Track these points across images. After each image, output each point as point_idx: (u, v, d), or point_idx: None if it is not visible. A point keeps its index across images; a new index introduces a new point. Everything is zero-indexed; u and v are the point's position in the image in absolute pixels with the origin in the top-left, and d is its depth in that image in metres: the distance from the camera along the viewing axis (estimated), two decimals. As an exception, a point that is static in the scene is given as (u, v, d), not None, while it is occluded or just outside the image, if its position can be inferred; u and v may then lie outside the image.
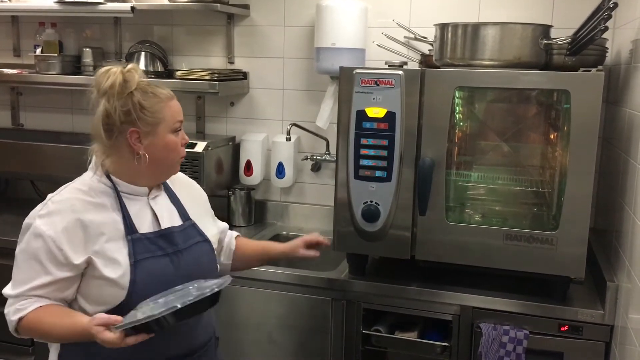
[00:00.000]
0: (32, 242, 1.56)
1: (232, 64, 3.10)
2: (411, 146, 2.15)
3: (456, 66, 2.18)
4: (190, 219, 1.75)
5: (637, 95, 1.97)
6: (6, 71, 3.16)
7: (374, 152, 2.18)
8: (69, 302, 1.61)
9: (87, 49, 3.13)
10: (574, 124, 1.99)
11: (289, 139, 2.83)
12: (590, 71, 2.00)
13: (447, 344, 2.21)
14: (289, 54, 3.01)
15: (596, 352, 2.07)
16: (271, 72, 3.05)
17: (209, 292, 1.49)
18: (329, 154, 2.92)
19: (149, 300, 1.53)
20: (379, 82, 2.14)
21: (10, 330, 1.60)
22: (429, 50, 2.57)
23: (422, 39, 2.66)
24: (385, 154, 2.17)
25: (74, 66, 3.17)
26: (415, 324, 2.29)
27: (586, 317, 2.06)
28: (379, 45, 2.66)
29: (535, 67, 2.15)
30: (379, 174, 2.18)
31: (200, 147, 2.77)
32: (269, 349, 2.44)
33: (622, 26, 2.39)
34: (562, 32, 2.22)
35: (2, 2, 3.16)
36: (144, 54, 3.03)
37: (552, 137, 2.30)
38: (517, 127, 2.34)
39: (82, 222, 1.56)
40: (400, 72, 2.13)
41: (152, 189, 1.71)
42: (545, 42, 2.13)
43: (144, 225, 1.65)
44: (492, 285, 2.21)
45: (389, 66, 2.24)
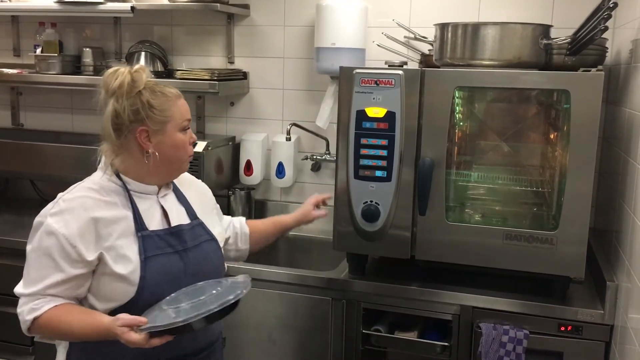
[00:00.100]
0: (45, 240, 1.56)
1: (232, 63, 3.10)
2: (411, 146, 2.15)
3: (456, 66, 2.18)
4: (197, 218, 1.78)
5: (637, 95, 1.97)
6: (6, 71, 3.16)
7: (374, 152, 2.18)
8: (80, 301, 1.63)
9: (87, 49, 3.13)
10: (574, 123, 1.99)
11: (289, 139, 2.83)
12: (590, 71, 1.99)
13: (447, 344, 2.20)
14: (289, 53, 3.01)
15: (596, 352, 2.07)
16: (271, 72, 3.05)
17: (233, 299, 1.53)
18: (329, 154, 2.92)
19: (170, 299, 1.56)
20: (379, 82, 2.14)
21: (22, 329, 1.60)
22: (429, 50, 2.57)
23: (422, 39, 2.66)
24: (385, 153, 2.17)
25: (74, 66, 3.17)
26: (415, 323, 2.29)
27: (586, 317, 2.06)
28: (379, 45, 2.66)
29: (535, 67, 2.15)
30: (379, 173, 2.18)
31: (200, 147, 2.76)
32: (269, 349, 2.44)
33: (622, 26, 2.39)
34: (562, 32, 2.22)
35: (2, 2, 3.16)
36: (144, 53, 3.03)
37: (552, 137, 2.30)
38: (517, 127, 2.34)
39: (93, 219, 1.58)
40: (400, 72, 2.13)
41: (161, 188, 1.73)
42: (545, 42, 2.13)
43: (154, 222, 1.67)
44: (492, 285, 2.21)
45: (389, 66, 2.24)
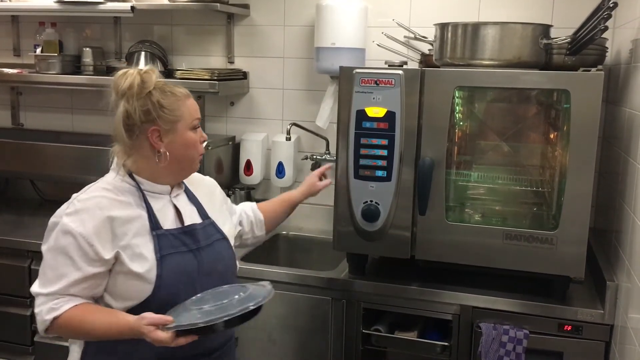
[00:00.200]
0: (61, 240, 1.57)
1: (232, 63, 3.10)
2: (411, 146, 2.15)
3: (456, 66, 2.18)
4: (209, 217, 1.79)
5: (637, 95, 1.97)
6: (6, 71, 3.16)
7: (374, 152, 2.18)
8: (96, 300, 1.64)
9: (87, 49, 3.13)
10: (574, 123, 1.99)
11: (288, 139, 2.83)
12: (590, 71, 2.00)
13: (447, 344, 2.21)
14: (289, 53, 3.01)
15: (596, 351, 2.07)
16: (271, 71, 3.05)
17: (260, 301, 1.55)
18: (329, 154, 2.91)
19: (195, 300, 1.59)
20: (378, 82, 2.14)
21: (39, 329, 1.60)
22: (429, 50, 2.57)
23: (422, 39, 2.66)
24: (385, 153, 2.17)
25: (74, 66, 3.17)
26: (415, 323, 2.29)
27: (586, 317, 2.06)
28: (379, 45, 2.66)
29: (535, 67, 2.15)
30: (379, 173, 2.18)
31: (200, 146, 2.77)
32: (269, 349, 2.44)
33: (622, 26, 2.38)
34: (562, 32, 2.22)
35: (2, 2, 3.16)
36: (144, 53, 3.03)
37: (552, 136, 2.30)
38: (517, 127, 2.34)
39: (109, 218, 1.59)
40: (400, 72, 2.13)
41: (173, 188, 1.75)
42: (545, 41, 2.13)
43: (167, 222, 1.69)
44: (492, 285, 2.21)
45: (389, 66, 2.24)
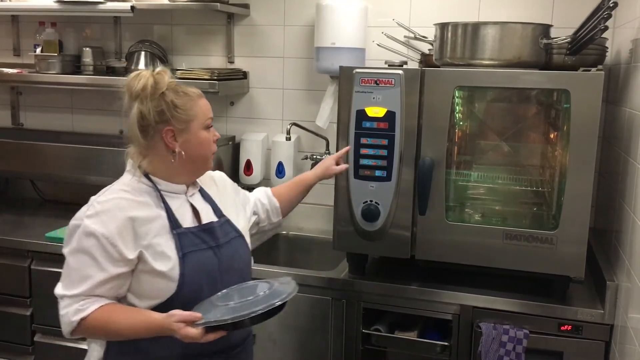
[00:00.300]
0: (84, 241, 1.58)
1: (232, 63, 3.10)
2: (411, 146, 2.15)
3: (456, 66, 2.18)
4: (224, 215, 1.81)
5: (637, 95, 1.97)
6: (6, 71, 3.16)
7: (373, 152, 2.18)
8: (119, 300, 1.65)
9: (87, 49, 3.13)
10: (574, 123, 1.99)
11: (288, 139, 2.83)
12: (590, 71, 2.00)
13: (447, 344, 2.21)
14: (289, 53, 3.01)
15: (596, 351, 2.07)
16: (271, 71, 3.05)
17: (285, 298, 1.59)
18: (329, 154, 2.91)
19: (221, 296, 1.62)
20: (378, 82, 2.14)
21: (64, 331, 1.60)
22: (429, 49, 2.57)
23: (422, 39, 2.66)
24: (385, 153, 2.17)
25: (74, 66, 3.17)
26: (415, 323, 2.29)
27: (586, 317, 2.06)
28: (379, 44, 2.66)
29: (535, 67, 2.15)
30: (379, 173, 2.18)
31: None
32: (269, 349, 2.44)
33: (622, 26, 2.38)
34: (562, 32, 2.22)
35: (2, 1, 3.16)
36: (143, 53, 3.03)
37: (552, 136, 2.30)
38: (517, 127, 2.34)
39: (130, 218, 1.60)
40: (400, 72, 2.13)
41: (189, 187, 1.77)
42: (545, 41, 2.13)
43: (186, 220, 1.71)
44: (492, 284, 2.21)
45: (389, 66, 2.24)
